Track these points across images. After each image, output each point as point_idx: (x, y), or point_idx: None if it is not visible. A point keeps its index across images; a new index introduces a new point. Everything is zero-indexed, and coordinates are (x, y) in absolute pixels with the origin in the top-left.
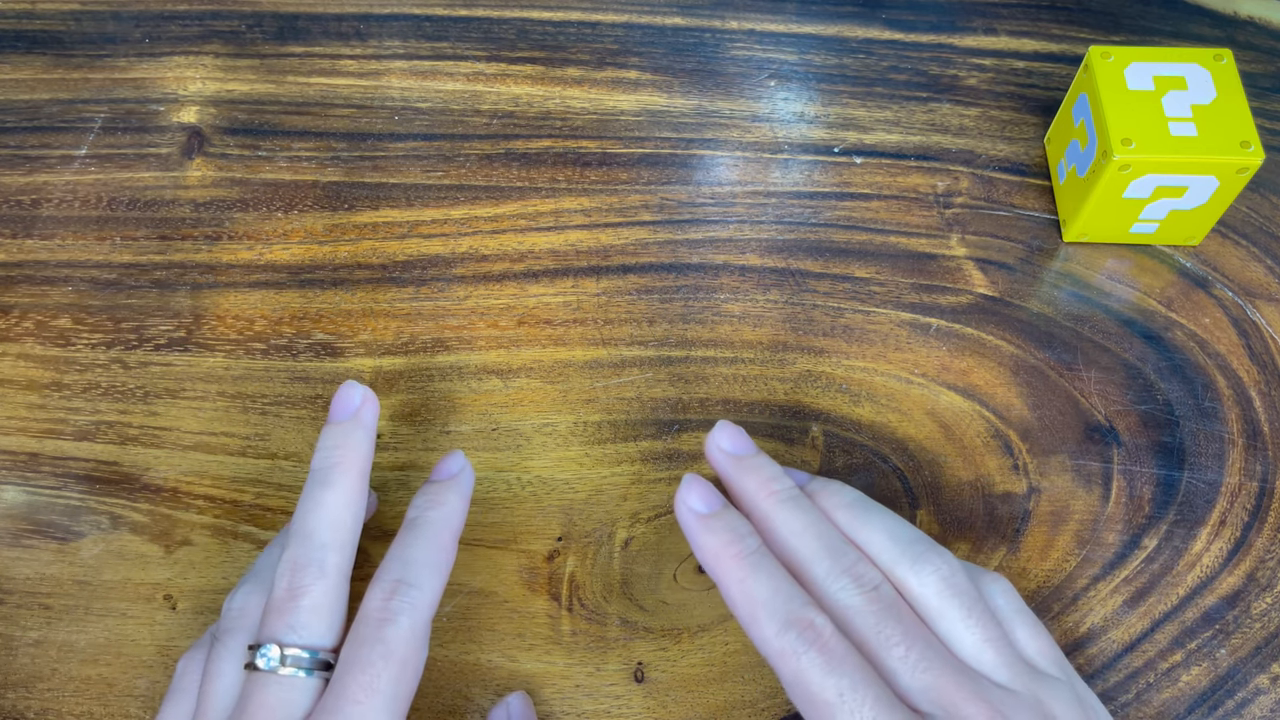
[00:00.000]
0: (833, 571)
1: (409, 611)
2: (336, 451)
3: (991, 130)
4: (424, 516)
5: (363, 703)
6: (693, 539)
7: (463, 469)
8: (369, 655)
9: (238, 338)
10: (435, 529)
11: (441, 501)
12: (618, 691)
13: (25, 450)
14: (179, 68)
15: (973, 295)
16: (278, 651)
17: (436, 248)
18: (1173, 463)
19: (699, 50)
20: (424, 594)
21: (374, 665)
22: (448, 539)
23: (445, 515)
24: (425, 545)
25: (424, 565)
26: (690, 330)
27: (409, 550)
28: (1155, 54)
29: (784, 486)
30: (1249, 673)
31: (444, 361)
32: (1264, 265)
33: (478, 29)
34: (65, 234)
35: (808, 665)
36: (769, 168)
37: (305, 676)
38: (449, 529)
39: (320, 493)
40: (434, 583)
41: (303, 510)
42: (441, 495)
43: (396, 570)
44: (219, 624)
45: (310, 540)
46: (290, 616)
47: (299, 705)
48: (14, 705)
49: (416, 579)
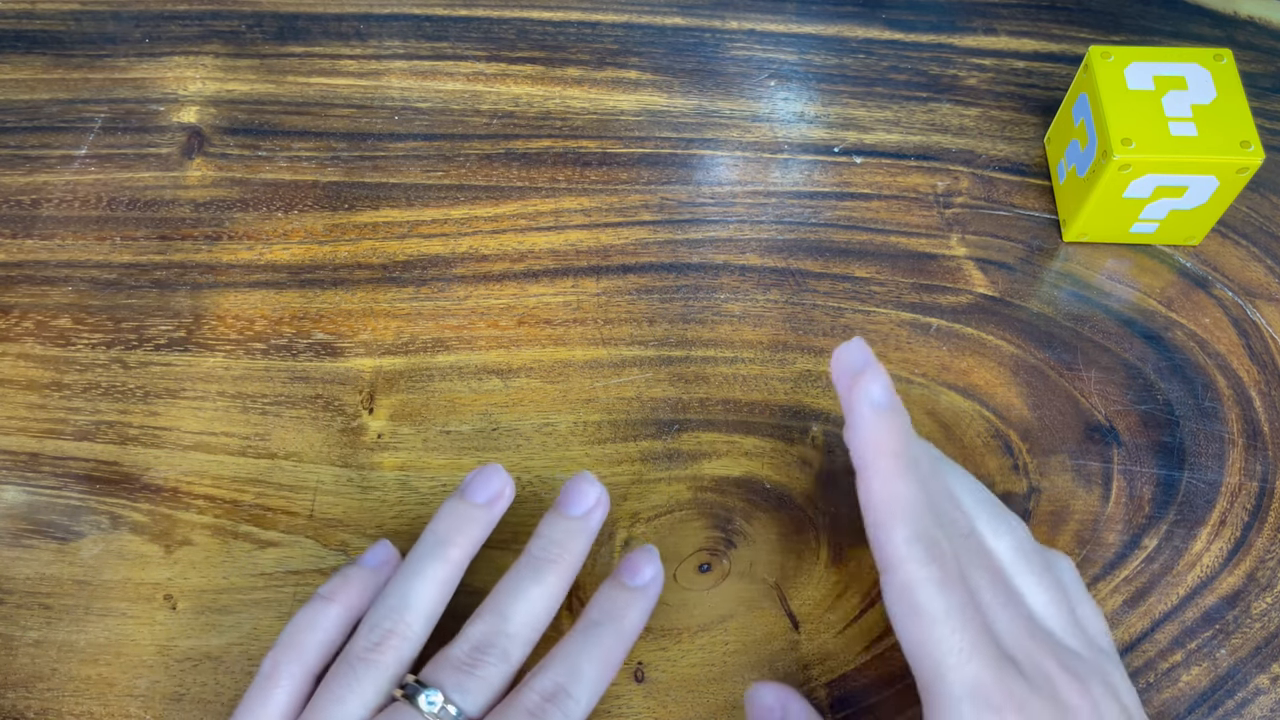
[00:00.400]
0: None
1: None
2: (556, 548)
3: (991, 130)
4: (604, 627)
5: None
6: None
7: (655, 576)
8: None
9: (238, 338)
10: (611, 644)
11: (626, 614)
12: (618, 691)
13: (25, 450)
14: (179, 68)
15: (973, 295)
16: (441, 699)
17: (436, 248)
18: (1173, 463)
19: (699, 50)
20: (580, 708)
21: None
22: (619, 656)
23: (625, 630)
24: (597, 658)
25: (590, 680)
26: (690, 330)
27: (581, 659)
28: (1155, 54)
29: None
30: (1249, 673)
31: (444, 361)
32: (1264, 265)
33: (478, 29)
34: (65, 234)
35: (925, 577)
36: (769, 168)
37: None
38: (626, 644)
39: (530, 585)
40: (593, 700)
41: (508, 593)
42: (629, 607)
43: (563, 675)
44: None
45: (505, 624)
46: (465, 678)
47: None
48: (14, 705)
49: (579, 692)
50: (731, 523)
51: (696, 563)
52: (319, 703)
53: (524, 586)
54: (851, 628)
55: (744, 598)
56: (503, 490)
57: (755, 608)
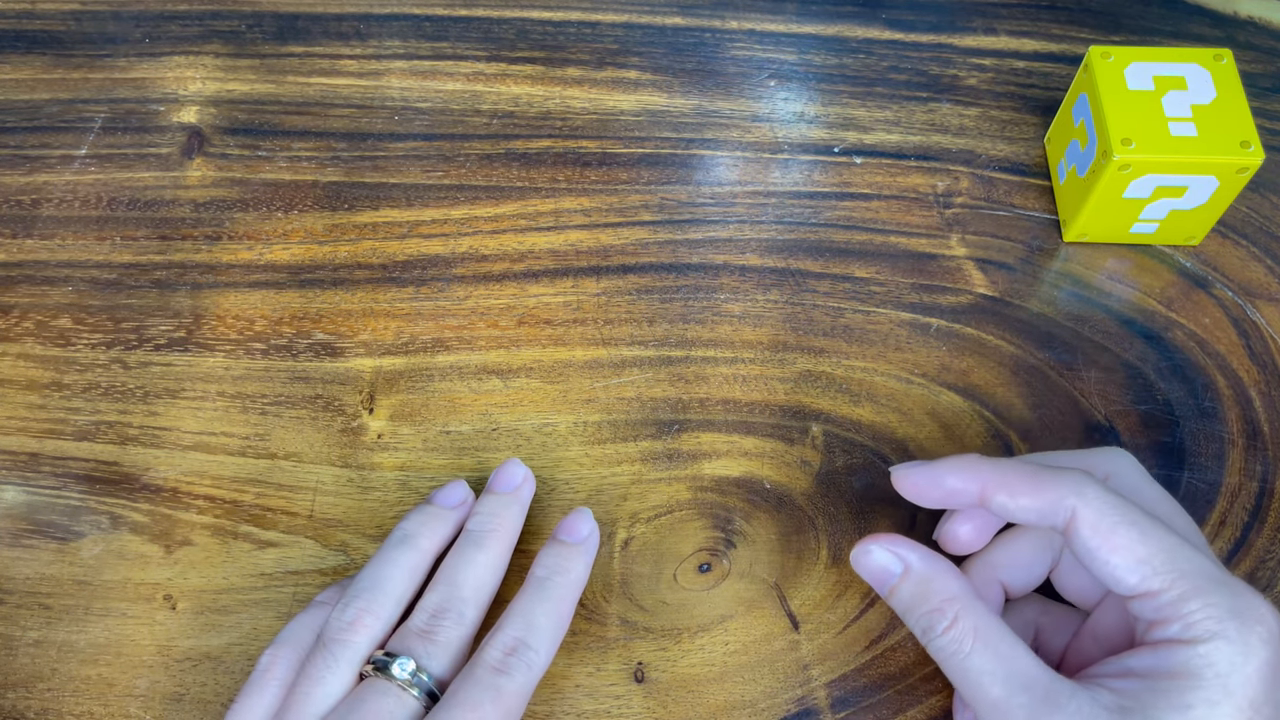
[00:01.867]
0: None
1: (524, 670)
2: (494, 519)
3: (991, 130)
4: (552, 580)
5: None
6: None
7: (591, 532)
8: (480, 697)
9: (238, 338)
10: (561, 593)
11: (569, 568)
12: (618, 691)
13: (25, 450)
14: (179, 68)
15: (973, 295)
16: (413, 666)
17: (436, 248)
18: (1173, 463)
19: (699, 50)
20: (540, 657)
21: (482, 707)
22: (571, 605)
23: (571, 581)
24: (549, 610)
25: (546, 630)
26: (690, 330)
27: (534, 611)
28: (1155, 54)
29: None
30: None
31: (444, 361)
32: (1264, 265)
33: (478, 29)
34: (65, 234)
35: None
36: (769, 168)
37: (415, 698)
38: (573, 595)
39: (473, 552)
40: (550, 649)
41: (455, 564)
42: (571, 561)
43: (520, 628)
44: (329, 630)
45: (456, 591)
46: (428, 644)
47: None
48: (14, 705)
49: (536, 643)
50: (731, 523)
51: (696, 563)
52: (300, 685)
53: (469, 555)
54: (851, 628)
55: (744, 598)
56: (466, 499)
57: (755, 608)
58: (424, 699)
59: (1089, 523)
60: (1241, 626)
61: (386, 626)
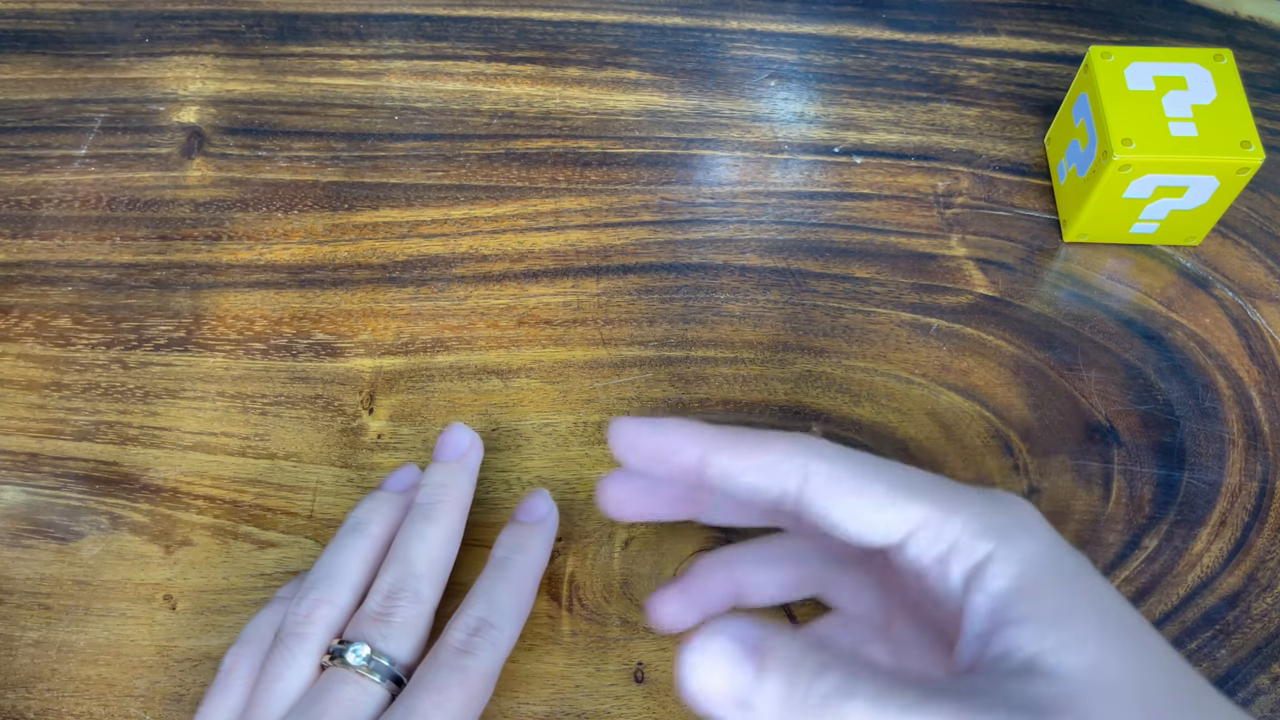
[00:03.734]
0: None
1: (489, 650)
2: (442, 489)
3: (992, 130)
4: (511, 559)
5: (429, 718)
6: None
7: (549, 512)
8: (445, 679)
9: (237, 338)
10: (520, 573)
11: (528, 546)
12: (618, 692)
13: (25, 450)
14: (179, 67)
15: (973, 295)
16: (368, 651)
17: (436, 248)
18: (1173, 463)
19: (699, 50)
20: (504, 636)
21: (448, 688)
22: (531, 584)
23: (530, 560)
24: (511, 589)
25: (508, 609)
26: (690, 330)
27: (495, 591)
28: (1155, 54)
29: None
30: (1249, 673)
31: (444, 361)
32: (1264, 265)
33: (478, 29)
34: (65, 234)
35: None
36: (769, 168)
37: (378, 684)
38: (533, 573)
39: (423, 526)
40: (514, 628)
41: (405, 540)
42: (529, 539)
43: (482, 609)
44: (285, 625)
45: (409, 568)
46: (384, 626)
47: (366, 709)
48: (14, 705)
49: (500, 621)
50: None
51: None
52: (261, 682)
53: (419, 529)
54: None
55: None
56: (416, 483)
57: (755, 608)
58: (387, 684)
59: (826, 475)
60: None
61: (343, 615)
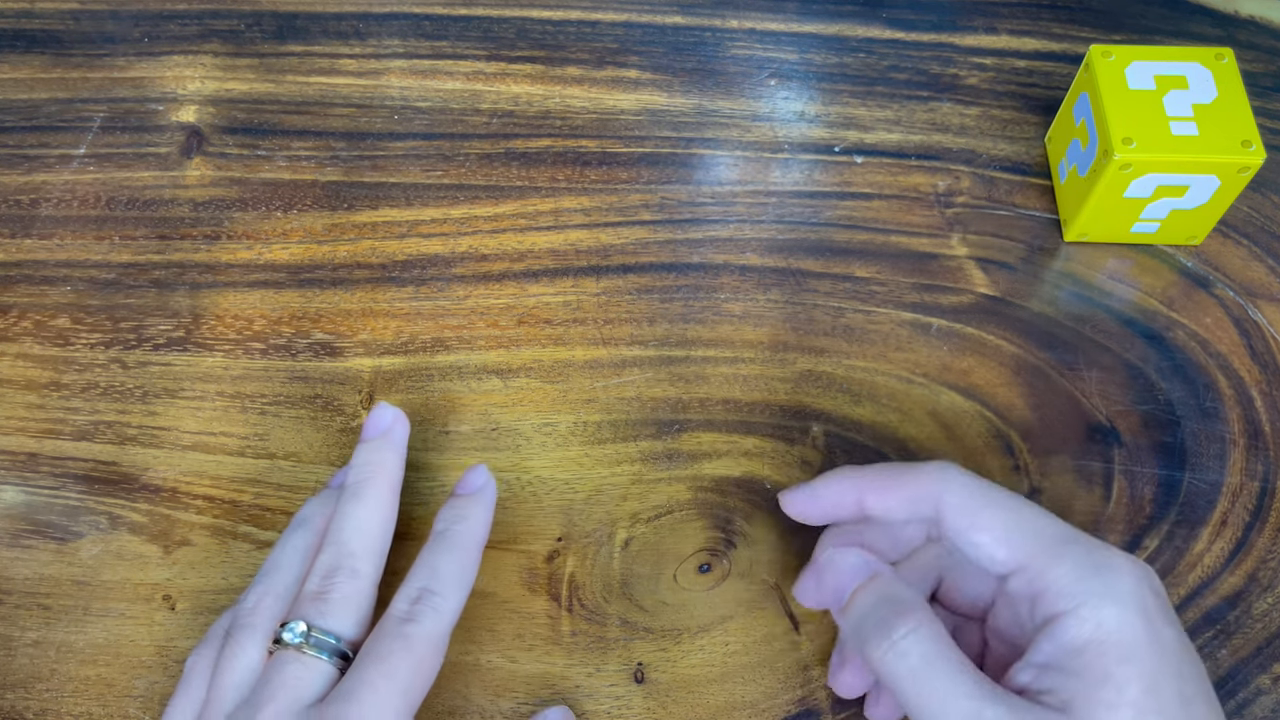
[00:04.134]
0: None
1: (432, 616)
2: (368, 468)
3: (992, 130)
4: (451, 530)
5: (379, 689)
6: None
7: (486, 483)
8: (389, 647)
9: (237, 337)
10: (461, 542)
11: (467, 515)
12: (618, 692)
13: (24, 450)
14: (178, 67)
15: (974, 295)
16: (304, 627)
17: (436, 247)
18: (1174, 463)
19: (699, 49)
20: (448, 601)
21: (394, 656)
22: (473, 551)
23: (470, 528)
24: (451, 556)
25: (450, 577)
26: (690, 330)
27: (437, 561)
28: (1156, 53)
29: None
30: (1250, 673)
31: (444, 361)
32: (1265, 265)
33: (477, 28)
34: (64, 234)
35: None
36: (769, 167)
37: (324, 661)
38: (474, 541)
39: (353, 506)
40: (458, 593)
41: (337, 522)
42: (467, 509)
43: (424, 578)
44: (233, 620)
45: (343, 548)
46: (321, 604)
47: (314, 686)
48: (13, 705)
49: (442, 588)
50: (731, 523)
51: (696, 563)
52: (215, 678)
53: (349, 510)
54: None
55: (744, 598)
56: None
57: (755, 608)
58: (334, 660)
59: (955, 506)
60: (1108, 579)
61: (289, 604)
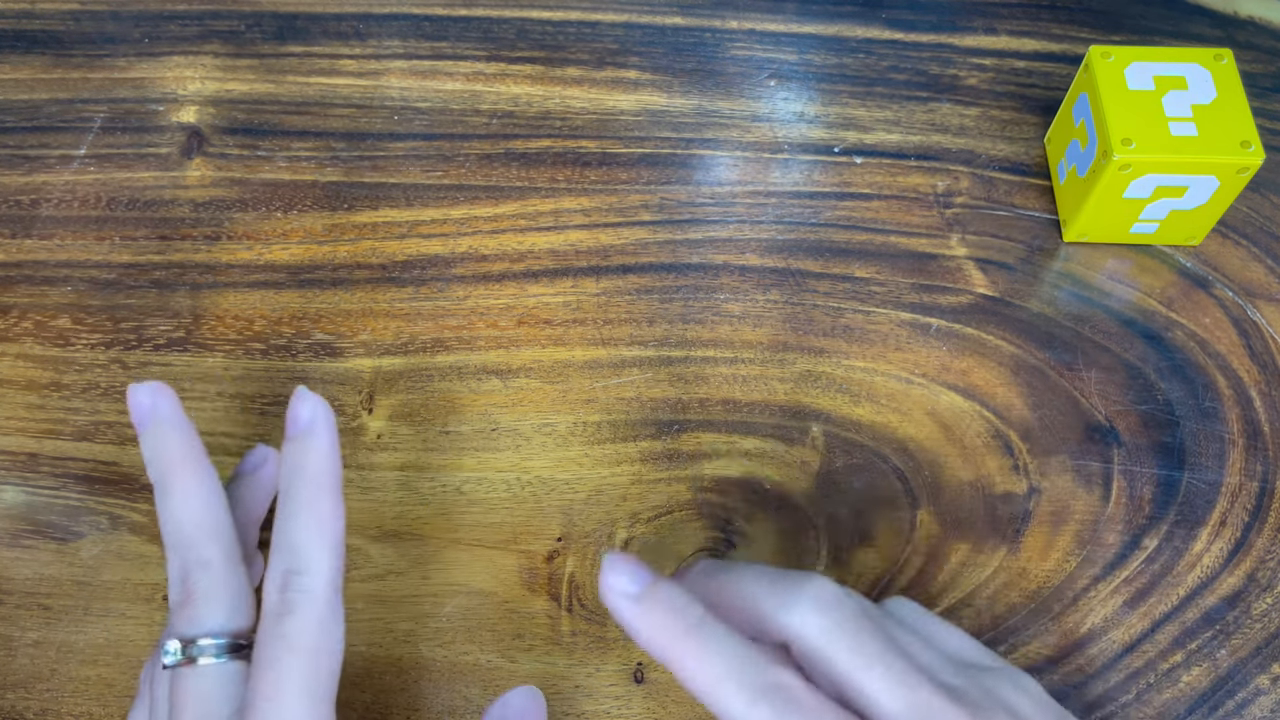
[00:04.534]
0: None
1: (305, 601)
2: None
3: (992, 130)
4: (293, 487)
5: (273, 699)
6: (629, 625)
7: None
8: (273, 652)
9: (237, 338)
10: (308, 497)
11: (304, 462)
12: (618, 692)
13: (24, 450)
14: (178, 67)
15: (973, 295)
16: (177, 645)
17: (436, 248)
18: (1173, 463)
19: (699, 50)
20: (317, 577)
21: (279, 661)
22: (326, 503)
23: (313, 475)
24: (304, 521)
25: (309, 546)
26: (690, 330)
27: (289, 532)
28: (1155, 54)
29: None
30: (1249, 673)
31: (444, 361)
32: (1264, 265)
33: (477, 29)
34: (64, 234)
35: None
36: (769, 167)
37: (219, 662)
38: (323, 490)
39: (163, 501)
40: (326, 559)
41: (163, 527)
42: (302, 455)
43: (284, 559)
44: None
45: (179, 545)
46: (186, 610)
47: (222, 692)
48: (13, 706)
49: (304, 564)
50: (731, 523)
51: (696, 563)
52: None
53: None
54: None
55: None
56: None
57: None
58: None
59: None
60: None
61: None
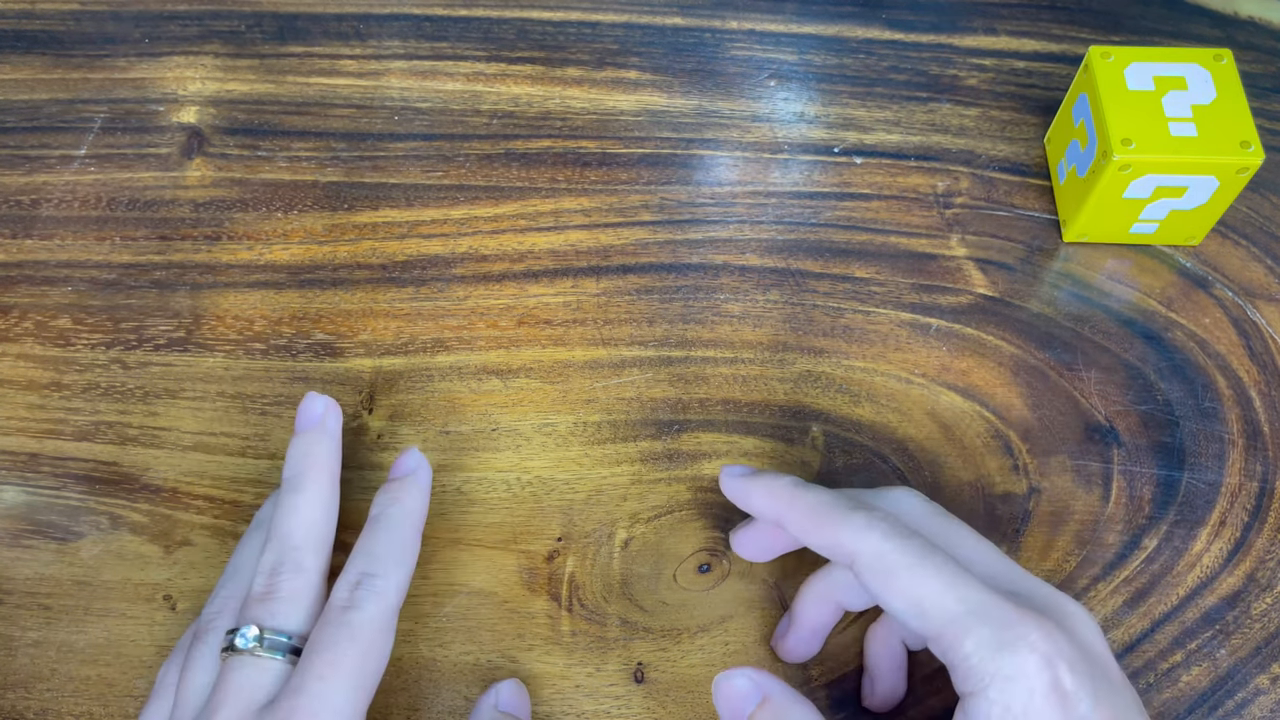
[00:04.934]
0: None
1: (374, 599)
2: (305, 459)
3: (991, 130)
4: (386, 513)
5: (327, 679)
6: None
7: (419, 465)
8: (334, 636)
9: (237, 338)
10: (396, 523)
11: (400, 498)
12: (618, 692)
13: (25, 450)
14: (178, 68)
15: (973, 295)
16: (256, 631)
17: (436, 248)
18: (1173, 463)
19: (699, 50)
20: (388, 583)
21: (339, 645)
22: (410, 532)
23: (406, 510)
24: (388, 539)
25: (387, 558)
26: (690, 330)
27: (373, 544)
28: (1155, 54)
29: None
30: (1249, 673)
31: (444, 361)
32: (1264, 265)
33: (478, 29)
34: (65, 234)
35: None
36: (769, 168)
37: (277, 660)
38: (410, 522)
39: (292, 498)
40: (398, 573)
41: (278, 517)
42: (400, 491)
43: (361, 563)
44: (195, 629)
45: (286, 542)
46: (269, 604)
47: (268, 687)
48: (13, 705)
49: (381, 570)
50: (731, 523)
51: (696, 563)
52: (179, 692)
53: (289, 502)
54: (851, 627)
55: (744, 598)
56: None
57: (755, 608)
58: (286, 657)
59: (868, 569)
60: (1013, 658)
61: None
